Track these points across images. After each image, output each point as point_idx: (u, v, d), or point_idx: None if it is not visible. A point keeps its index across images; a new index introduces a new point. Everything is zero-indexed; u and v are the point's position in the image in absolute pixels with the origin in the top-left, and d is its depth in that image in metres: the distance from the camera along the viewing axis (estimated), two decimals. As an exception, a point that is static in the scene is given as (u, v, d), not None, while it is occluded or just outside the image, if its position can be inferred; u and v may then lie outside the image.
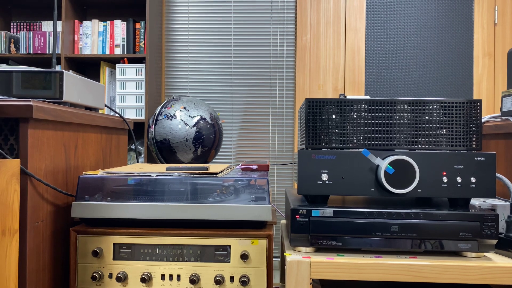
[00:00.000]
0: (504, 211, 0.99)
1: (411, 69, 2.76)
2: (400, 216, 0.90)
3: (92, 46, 2.71)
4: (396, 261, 0.88)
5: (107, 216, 0.98)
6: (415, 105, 0.96)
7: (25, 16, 2.98)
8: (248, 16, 2.87)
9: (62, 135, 1.03)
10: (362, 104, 0.97)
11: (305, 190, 0.94)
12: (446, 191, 0.92)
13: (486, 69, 2.73)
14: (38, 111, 0.89)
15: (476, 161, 0.92)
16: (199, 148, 2.11)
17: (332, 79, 2.79)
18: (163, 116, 2.12)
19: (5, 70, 1.04)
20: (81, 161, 1.14)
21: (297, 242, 0.92)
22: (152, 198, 1.00)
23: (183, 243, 0.97)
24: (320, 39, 2.81)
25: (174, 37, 2.90)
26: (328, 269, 0.88)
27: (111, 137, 1.36)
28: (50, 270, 0.99)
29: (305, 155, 0.94)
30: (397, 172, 0.91)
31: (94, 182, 1.02)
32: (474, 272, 0.86)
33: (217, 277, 0.95)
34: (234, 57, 2.87)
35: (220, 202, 0.98)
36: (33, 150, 0.90)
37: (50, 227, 0.98)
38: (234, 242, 0.97)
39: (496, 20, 2.72)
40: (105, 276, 0.97)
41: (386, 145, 0.96)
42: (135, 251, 0.97)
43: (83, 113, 1.12)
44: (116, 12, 2.93)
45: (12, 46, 2.78)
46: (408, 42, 2.76)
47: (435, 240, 0.89)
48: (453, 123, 0.96)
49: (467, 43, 2.74)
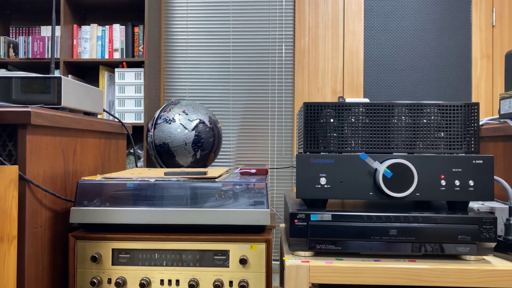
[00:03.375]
0: (502, 214, 0.99)
1: (409, 72, 2.76)
2: (398, 219, 0.90)
3: (91, 51, 2.72)
4: (395, 265, 0.88)
5: (106, 222, 0.98)
6: (413, 109, 0.96)
7: (24, 21, 2.98)
8: (246, 19, 2.87)
9: (60, 141, 1.03)
10: (360, 108, 0.97)
11: (303, 194, 0.94)
12: (444, 195, 0.93)
13: (484, 71, 2.73)
14: (36, 117, 0.89)
15: (474, 164, 0.93)
16: (198, 152, 2.11)
17: (331, 82, 2.80)
18: (162, 120, 2.12)
19: (4, 76, 1.05)
20: (79, 166, 1.14)
21: (296, 247, 0.92)
22: (151, 203, 1.00)
23: (182, 248, 0.97)
24: (318, 42, 2.81)
25: (173, 41, 2.91)
26: (327, 273, 0.88)
27: (110, 142, 1.36)
28: (49, 276, 0.99)
29: (303, 159, 0.94)
30: (395, 176, 0.91)
31: (92, 187, 1.02)
32: (473, 276, 0.86)
33: (216, 281, 0.95)
34: (233, 61, 2.88)
35: (219, 206, 0.98)
36: (31, 156, 0.90)
37: (48, 233, 0.98)
38: (233, 246, 0.97)
39: (494, 22, 2.73)
40: (104, 281, 0.97)
41: (384, 149, 0.96)
42: (134, 256, 0.97)
43: (82, 118, 1.12)
44: (115, 16, 2.94)
45: (11, 51, 2.79)
46: (406, 45, 2.77)
47: (434, 244, 0.89)
48: (451, 126, 0.96)
49: (465, 45, 2.75)
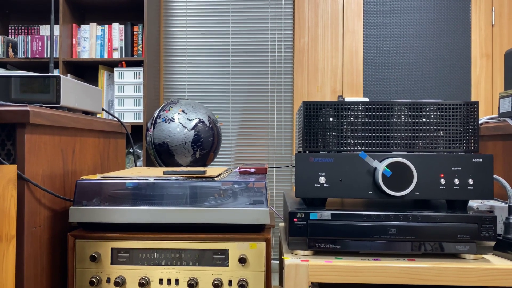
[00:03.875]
0: (502, 212, 0.99)
1: (409, 71, 2.76)
2: (398, 218, 0.90)
3: (90, 50, 2.71)
4: (395, 264, 0.87)
5: (105, 221, 0.98)
6: (412, 107, 0.96)
7: (23, 20, 2.98)
8: (246, 19, 2.87)
9: (59, 140, 1.03)
10: (359, 107, 0.97)
11: (303, 193, 0.94)
12: (444, 193, 0.92)
13: (484, 70, 2.73)
14: (34, 116, 0.89)
15: (474, 163, 0.92)
16: (198, 151, 2.10)
17: (330, 81, 2.80)
18: (161, 119, 2.12)
19: (2, 75, 1.04)
20: (78, 165, 1.14)
21: (295, 246, 0.92)
22: (150, 202, 1.00)
23: (181, 247, 0.97)
24: (318, 41, 2.81)
25: (172, 40, 2.91)
26: (327, 272, 0.87)
27: (109, 141, 1.36)
28: (48, 276, 0.98)
29: (303, 158, 0.94)
30: (395, 175, 0.91)
31: (91, 186, 1.01)
32: (473, 274, 0.86)
33: (215, 281, 0.95)
34: (232, 60, 2.87)
35: (218, 205, 0.98)
36: (30, 155, 0.90)
37: (47, 232, 0.98)
38: (232, 246, 0.96)
39: (493, 21, 2.73)
40: (103, 280, 0.97)
41: (384, 148, 0.96)
42: (133, 256, 0.97)
43: (81, 117, 1.12)
44: (114, 15, 2.93)
45: (10, 50, 2.78)
46: (405, 44, 2.77)
47: (434, 243, 0.89)
48: (450, 125, 0.96)
49: (464, 44, 2.75)
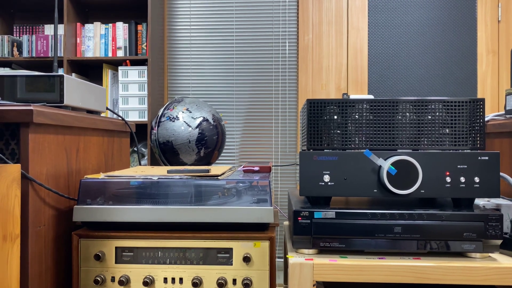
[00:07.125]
0: (508, 211, 0.98)
1: (414, 68, 2.74)
2: (403, 217, 0.89)
3: (94, 49, 2.72)
4: (400, 263, 0.87)
5: (109, 220, 0.98)
6: (417, 105, 0.95)
7: (28, 19, 2.99)
8: (250, 16, 2.86)
9: (63, 139, 1.03)
10: (364, 104, 0.96)
11: (307, 192, 0.93)
12: (449, 191, 0.92)
13: (490, 67, 2.71)
14: (38, 116, 0.89)
15: (480, 160, 0.91)
16: (202, 150, 2.10)
17: (335, 79, 2.78)
18: (165, 118, 2.12)
19: (7, 74, 1.05)
20: (82, 164, 1.14)
21: (300, 244, 0.92)
22: (154, 201, 0.99)
23: (185, 246, 0.97)
24: (322, 39, 2.80)
25: (176, 39, 2.90)
26: (331, 271, 0.87)
27: (113, 140, 1.36)
28: (53, 275, 0.99)
29: (307, 157, 0.93)
30: (400, 173, 0.90)
31: (95, 185, 1.01)
32: (479, 273, 0.85)
33: (219, 279, 0.95)
34: (236, 58, 2.87)
35: (222, 204, 0.98)
36: (34, 155, 0.90)
37: (52, 232, 0.98)
38: (236, 244, 0.96)
39: (499, 17, 2.70)
40: (108, 279, 0.97)
41: (389, 146, 0.95)
42: (137, 255, 0.97)
43: (85, 116, 1.12)
44: (118, 14, 2.94)
45: (15, 49, 2.79)
46: (411, 41, 2.75)
47: (439, 241, 0.89)
48: (456, 122, 0.95)
49: (470, 41, 2.72)
